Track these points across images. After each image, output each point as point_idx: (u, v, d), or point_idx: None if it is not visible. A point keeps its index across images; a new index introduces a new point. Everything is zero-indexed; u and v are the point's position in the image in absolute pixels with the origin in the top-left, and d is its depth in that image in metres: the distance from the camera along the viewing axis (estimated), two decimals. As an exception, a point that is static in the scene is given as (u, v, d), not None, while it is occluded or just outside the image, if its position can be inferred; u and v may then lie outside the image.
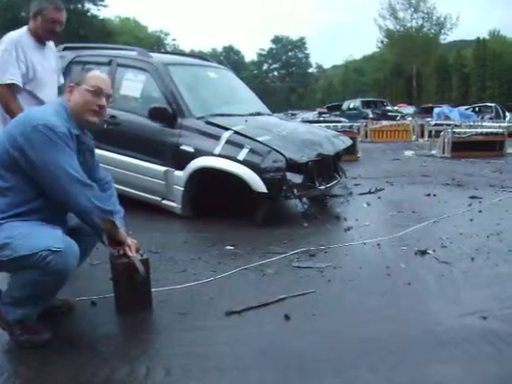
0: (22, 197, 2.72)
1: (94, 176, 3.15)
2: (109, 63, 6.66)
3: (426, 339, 2.90)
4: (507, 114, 26.74)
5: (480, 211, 6.29)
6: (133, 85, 6.51)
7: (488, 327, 3.04)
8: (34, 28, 4.07)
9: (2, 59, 3.92)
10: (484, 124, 18.14)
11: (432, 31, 57.29)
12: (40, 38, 4.12)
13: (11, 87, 3.92)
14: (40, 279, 2.59)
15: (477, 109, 29.42)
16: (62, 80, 4.51)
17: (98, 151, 6.11)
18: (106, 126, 6.13)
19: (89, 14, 54.60)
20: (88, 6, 54.42)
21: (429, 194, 7.47)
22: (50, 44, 4.35)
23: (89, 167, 3.09)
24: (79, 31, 45.94)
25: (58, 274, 2.62)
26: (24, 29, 4.12)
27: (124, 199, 5.50)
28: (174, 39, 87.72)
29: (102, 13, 58.25)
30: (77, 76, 3.02)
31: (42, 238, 2.59)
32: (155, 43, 73.04)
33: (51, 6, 4.02)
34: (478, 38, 62.15)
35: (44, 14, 3.99)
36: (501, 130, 14.52)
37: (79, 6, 53.65)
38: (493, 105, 28.48)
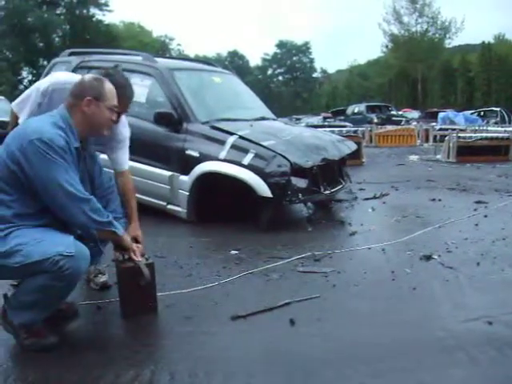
0: (27, 209, 2.72)
1: (96, 182, 3.16)
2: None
3: (432, 344, 2.90)
4: (513, 118, 26.67)
5: (485, 216, 6.27)
6: (138, 90, 6.51)
7: (493, 332, 3.03)
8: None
9: (30, 91, 3.77)
10: (489, 128, 18.10)
11: (437, 36, 57.20)
12: None
13: (17, 120, 3.78)
14: (51, 284, 2.60)
15: (482, 113, 29.36)
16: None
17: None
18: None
19: (94, 19, 54.82)
20: (93, 11, 54.69)
21: (434, 199, 7.46)
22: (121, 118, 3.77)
23: (90, 173, 3.10)
24: (84, 36, 46.16)
25: (69, 279, 2.63)
26: None
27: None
28: (178, 44, 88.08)
29: (106, 18, 58.79)
30: (93, 88, 2.91)
31: (53, 243, 2.61)
32: (160, 48, 73.22)
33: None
34: (483, 41, 62.14)
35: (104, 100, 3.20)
36: (506, 135, 14.47)
37: (84, 11, 53.89)
38: (498, 109, 28.41)
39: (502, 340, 2.92)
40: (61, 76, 3.84)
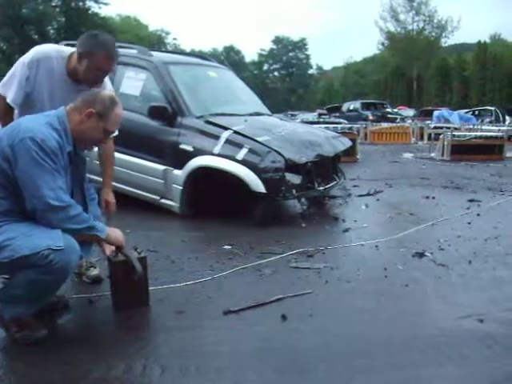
0: (16, 207, 2.70)
1: (84, 186, 3.14)
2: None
3: (423, 341, 2.90)
4: (507, 117, 26.74)
5: (478, 214, 6.29)
6: (133, 83, 6.50)
7: (485, 330, 3.04)
8: (75, 68, 3.43)
9: (14, 69, 3.48)
10: (483, 127, 18.15)
11: (433, 34, 57.31)
12: (77, 80, 3.47)
13: (3, 98, 3.48)
14: (41, 278, 2.59)
15: (476, 112, 29.44)
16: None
17: (96, 149, 6.12)
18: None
19: (90, 11, 54.49)
20: (89, 3, 54.31)
21: (427, 197, 7.48)
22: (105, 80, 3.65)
23: (80, 177, 3.08)
24: (80, 29, 45.88)
25: (59, 272, 2.62)
26: (63, 53, 3.55)
27: (122, 197, 5.52)
28: (174, 38, 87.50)
29: (103, 11, 58.36)
30: (102, 105, 2.84)
31: (42, 237, 2.59)
32: (156, 42, 73.01)
33: (103, 52, 3.29)
34: (479, 41, 62.15)
35: (92, 59, 3.30)
36: (500, 134, 14.52)
37: (80, 3, 53.55)
38: (492, 108, 28.48)
39: (493, 338, 2.93)
40: (44, 46, 3.63)
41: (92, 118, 2.82)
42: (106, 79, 3.68)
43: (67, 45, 7.06)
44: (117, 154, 6.08)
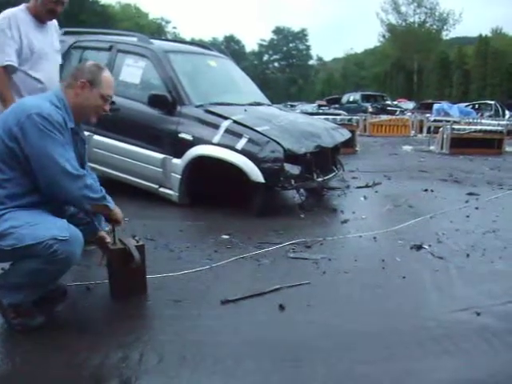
0: (20, 189, 2.69)
1: (85, 168, 3.14)
2: (109, 49, 6.64)
3: (420, 333, 2.91)
4: (507, 112, 26.71)
5: (477, 208, 6.29)
6: (133, 71, 6.48)
7: (482, 323, 3.05)
8: (34, 6, 3.93)
9: None
10: (483, 121, 18.12)
11: (434, 27, 57.23)
12: (39, 18, 3.98)
13: (6, 69, 3.81)
14: (44, 268, 2.59)
15: (476, 106, 29.39)
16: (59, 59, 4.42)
17: (96, 137, 6.13)
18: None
19: (90, -1, 54.30)
20: (88, -10, 54.10)
21: (426, 190, 7.48)
22: (53, 22, 4.22)
23: (81, 158, 3.08)
24: (79, 16, 45.63)
25: (63, 263, 2.62)
26: (21, 6, 3.97)
27: (120, 186, 5.51)
28: (174, 27, 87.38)
29: (103, -2, 57.85)
30: (90, 73, 2.92)
31: (46, 227, 2.58)
32: (156, 30, 72.74)
33: None
34: (481, 34, 62.00)
35: None
36: (500, 128, 14.50)
37: (80, -10, 53.32)
38: (492, 102, 28.43)
39: (490, 330, 2.94)
40: (6, 11, 3.95)
41: (85, 87, 2.88)
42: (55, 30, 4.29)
43: (66, 32, 7.13)
44: (116, 142, 6.17)
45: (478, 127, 14.45)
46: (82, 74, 2.91)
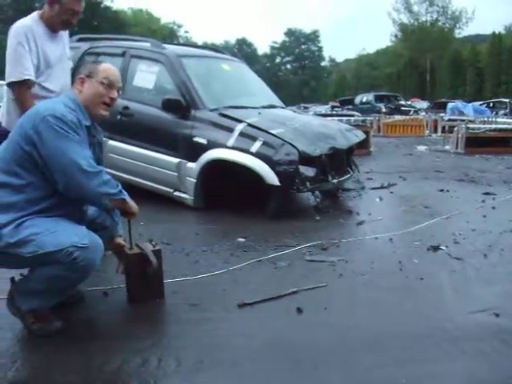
0: (39, 193, 2.71)
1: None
2: (123, 54, 6.68)
3: (438, 335, 2.89)
4: (522, 109, 26.55)
5: (493, 208, 6.26)
6: (146, 76, 6.51)
7: (500, 324, 3.02)
8: (49, 16, 3.87)
9: (16, 53, 3.74)
10: (498, 120, 18.00)
11: (447, 25, 57.01)
12: (53, 28, 3.94)
13: (27, 83, 3.75)
14: (63, 275, 2.60)
15: (491, 104, 29.23)
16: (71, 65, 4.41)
17: (111, 142, 6.17)
18: (119, 117, 6.15)
19: (102, 5, 54.50)
20: (101, -4, 54.33)
21: (442, 190, 7.45)
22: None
23: (97, 160, 3.10)
24: (92, 22, 45.91)
25: (83, 270, 2.64)
26: (34, 16, 3.90)
27: (136, 190, 5.53)
28: (186, 31, 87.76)
29: (114, 4, 58.24)
30: (88, 68, 3.00)
31: (67, 234, 2.60)
32: (168, 35, 73.00)
33: None
34: (494, 32, 61.61)
35: (63, 2, 3.79)
36: (515, 126, 14.41)
37: (93, -3, 53.61)
38: (507, 100, 28.29)
39: (509, 332, 2.92)
40: (17, 22, 3.88)
41: (84, 82, 2.94)
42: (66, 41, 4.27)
43: (80, 39, 7.18)
44: (131, 147, 6.21)
45: (493, 126, 14.36)
46: (81, 72, 2.99)
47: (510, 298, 3.42)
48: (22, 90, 3.77)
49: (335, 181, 6.03)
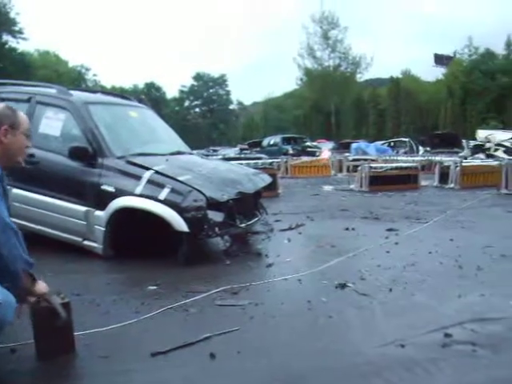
0: None
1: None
2: (28, 100, 6.55)
3: (349, 371, 2.99)
4: (420, 148, 27.98)
5: (396, 243, 6.54)
6: (52, 123, 6.41)
7: (406, 354, 3.17)
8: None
9: None
10: (399, 158, 18.89)
11: (349, 70, 59.43)
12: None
13: None
14: None
15: (392, 143, 30.64)
16: None
17: (15, 190, 5.99)
18: (24, 165, 6.01)
19: (7, 46, 53.15)
20: (6, 37, 53.01)
21: (348, 228, 7.69)
22: None
23: (7, 207, 3.04)
24: (-3, 64, 44.75)
25: None
26: None
27: (43, 239, 5.40)
28: (94, 74, 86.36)
29: (21, 46, 56.76)
30: (7, 118, 2.94)
31: None
32: (76, 78, 71.92)
33: None
34: (392, 76, 64.89)
35: None
36: (414, 164, 15.24)
37: (-3, 37, 52.31)
38: (407, 139, 29.77)
39: (414, 360, 3.06)
40: None
41: (8, 133, 2.89)
42: None
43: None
44: (37, 196, 6.07)
45: (394, 164, 15.11)
46: (1, 121, 2.90)
47: (413, 329, 3.57)
48: None
49: (243, 225, 6.13)
